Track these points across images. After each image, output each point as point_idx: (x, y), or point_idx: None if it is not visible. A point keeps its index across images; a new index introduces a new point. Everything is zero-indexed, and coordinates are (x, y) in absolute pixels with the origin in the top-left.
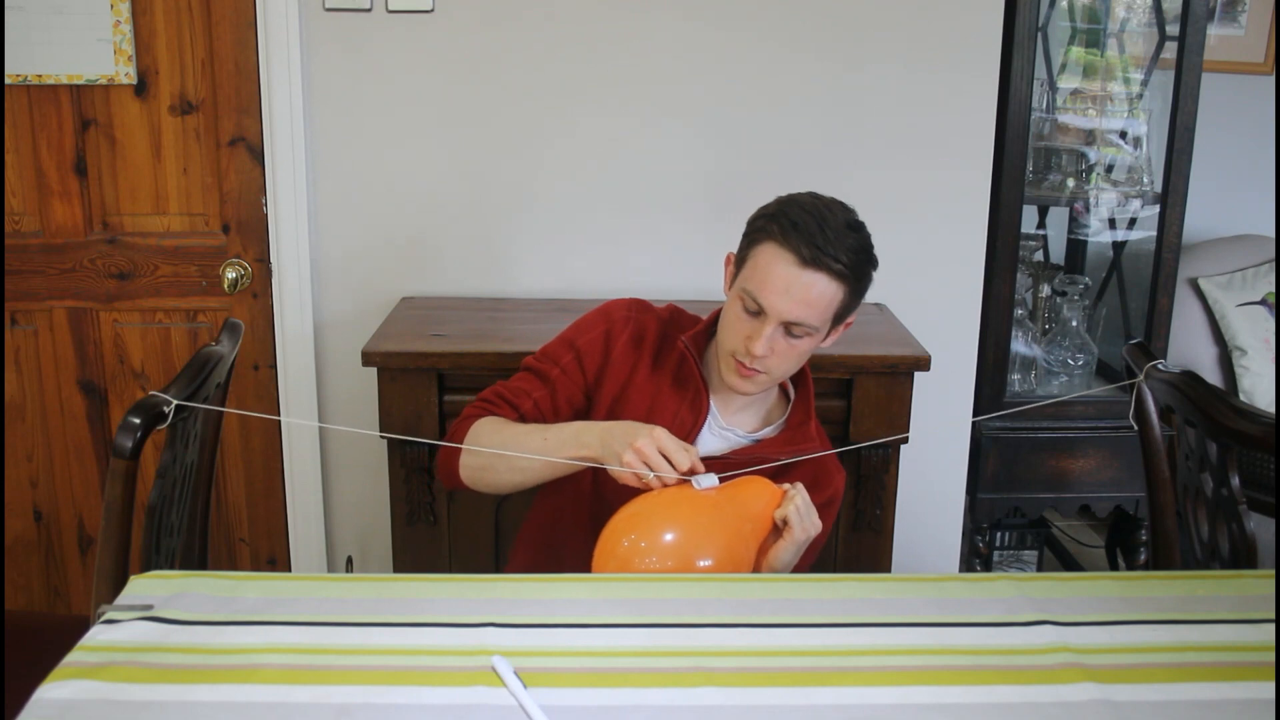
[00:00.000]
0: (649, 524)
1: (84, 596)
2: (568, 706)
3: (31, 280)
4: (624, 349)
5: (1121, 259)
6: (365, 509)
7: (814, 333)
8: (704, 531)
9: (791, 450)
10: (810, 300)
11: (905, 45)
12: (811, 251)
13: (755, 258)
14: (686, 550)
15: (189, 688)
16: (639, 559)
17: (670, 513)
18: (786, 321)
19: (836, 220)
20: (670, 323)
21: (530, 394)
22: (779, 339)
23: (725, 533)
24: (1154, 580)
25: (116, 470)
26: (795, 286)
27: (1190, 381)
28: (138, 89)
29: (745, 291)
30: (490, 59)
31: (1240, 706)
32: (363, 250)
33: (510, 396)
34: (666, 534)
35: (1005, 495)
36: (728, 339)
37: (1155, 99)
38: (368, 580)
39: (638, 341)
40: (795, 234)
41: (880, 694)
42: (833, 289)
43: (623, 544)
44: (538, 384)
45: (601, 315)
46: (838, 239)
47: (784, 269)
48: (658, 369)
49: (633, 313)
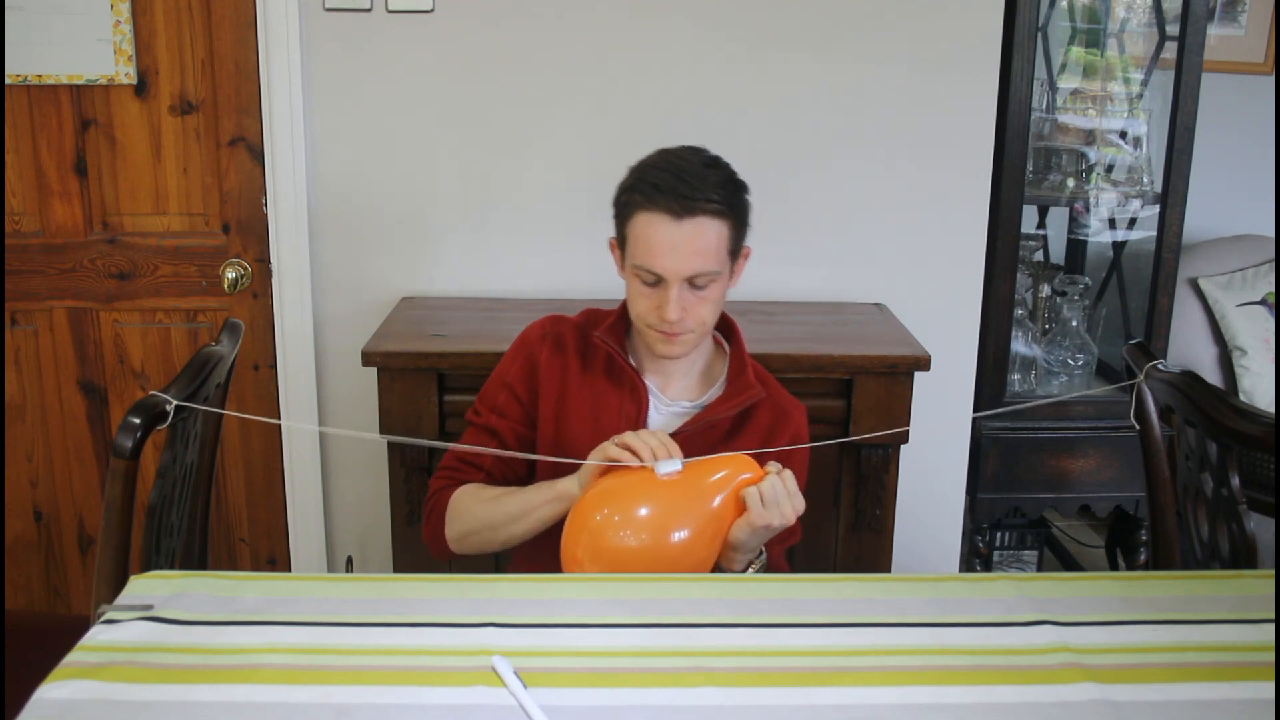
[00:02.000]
0: (621, 500)
1: (84, 596)
2: (568, 706)
3: (31, 280)
4: (548, 362)
5: (1121, 259)
6: (365, 509)
7: (717, 277)
8: (675, 508)
9: (737, 402)
10: (700, 249)
11: (905, 45)
12: (681, 204)
13: (633, 231)
14: (659, 524)
15: (189, 688)
16: (611, 533)
17: (642, 490)
18: (686, 278)
19: (692, 165)
20: (586, 324)
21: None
22: (687, 297)
23: (696, 511)
24: (1154, 580)
25: (116, 470)
26: (680, 242)
27: (1190, 381)
28: (138, 89)
29: (637, 266)
30: (490, 59)
31: (1240, 706)
32: (363, 250)
33: (470, 458)
34: (640, 509)
35: (1005, 495)
36: (641, 315)
37: (1155, 99)
38: (368, 580)
39: (559, 349)
40: (660, 194)
41: (880, 694)
42: (716, 228)
43: (595, 518)
44: (487, 438)
45: (519, 342)
46: (701, 181)
47: (663, 231)
48: (588, 371)
49: (547, 328)
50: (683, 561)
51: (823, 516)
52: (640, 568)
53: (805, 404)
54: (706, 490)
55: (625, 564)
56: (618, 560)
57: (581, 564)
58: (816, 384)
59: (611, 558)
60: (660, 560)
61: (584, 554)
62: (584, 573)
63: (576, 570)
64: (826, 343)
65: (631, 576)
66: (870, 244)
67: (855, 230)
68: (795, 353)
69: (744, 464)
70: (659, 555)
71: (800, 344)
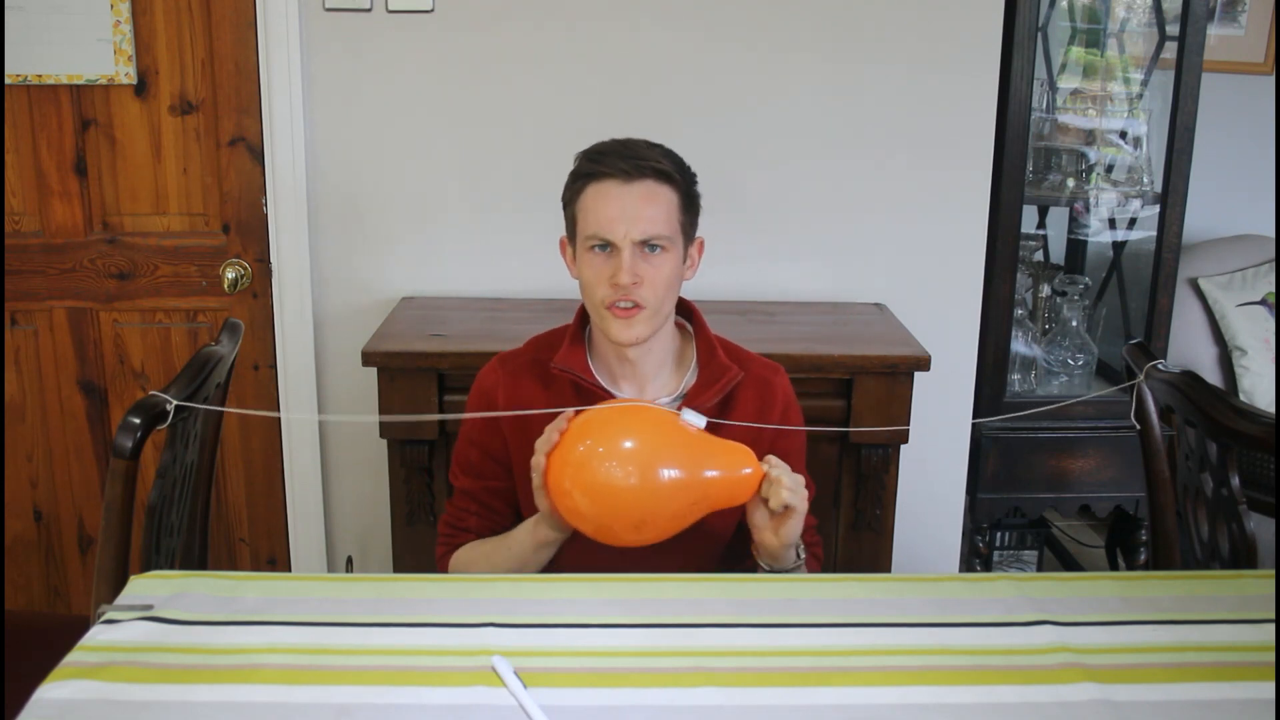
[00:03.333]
0: (614, 429)
1: (84, 596)
2: (568, 706)
3: (31, 280)
4: (508, 394)
5: (1121, 259)
6: (365, 509)
7: (669, 245)
8: (667, 449)
9: (718, 389)
10: (648, 213)
11: (905, 45)
12: (628, 164)
13: (583, 205)
14: (647, 459)
15: (189, 688)
16: (597, 460)
17: (640, 423)
18: (638, 241)
19: (638, 141)
20: (538, 355)
21: (471, 512)
22: (640, 263)
23: (685, 458)
24: (1154, 580)
25: (116, 470)
26: (629, 202)
27: (1190, 381)
28: (138, 89)
29: (588, 237)
30: (490, 59)
31: (1240, 706)
32: (363, 250)
33: (461, 524)
34: (627, 441)
35: (1005, 495)
36: (594, 294)
37: (1155, 99)
38: (368, 580)
39: (515, 389)
40: (605, 161)
41: (880, 694)
42: (665, 192)
43: (581, 446)
44: (470, 501)
45: (474, 395)
46: (647, 149)
47: (612, 193)
48: (555, 398)
49: (495, 365)
50: (668, 504)
51: (823, 517)
52: (626, 498)
53: (805, 404)
54: (703, 454)
55: (610, 491)
56: (604, 490)
57: (570, 494)
58: (816, 384)
59: (596, 486)
60: (646, 494)
61: (571, 483)
62: (574, 504)
63: (566, 501)
64: (826, 343)
65: (631, 576)
66: (870, 244)
67: (855, 230)
68: (795, 353)
69: (747, 457)
70: (645, 488)
71: (800, 344)
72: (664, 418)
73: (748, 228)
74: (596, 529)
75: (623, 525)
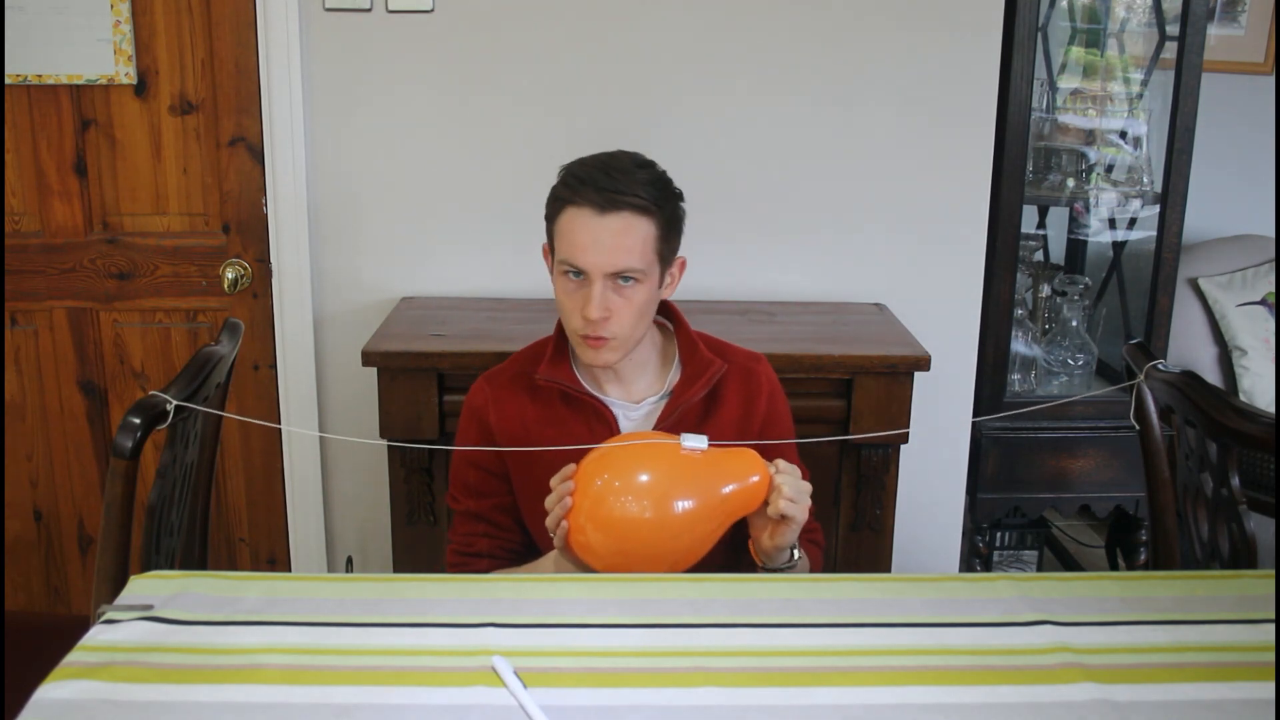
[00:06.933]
0: (624, 465)
1: (84, 596)
2: (568, 706)
3: (31, 280)
4: (500, 421)
5: (1121, 259)
6: (365, 509)
7: (643, 277)
8: (680, 480)
9: (703, 383)
10: (623, 245)
11: (905, 46)
12: (604, 196)
13: (559, 228)
14: (661, 492)
15: (189, 688)
16: (613, 497)
17: (643, 458)
18: (609, 274)
19: (622, 164)
20: (523, 368)
21: (479, 534)
22: (611, 296)
23: (699, 487)
24: (1154, 580)
25: (116, 470)
26: (602, 235)
27: (1190, 381)
28: (138, 89)
29: (562, 262)
30: (490, 59)
31: (1240, 706)
32: (363, 250)
33: (471, 549)
34: (641, 475)
35: (1005, 495)
36: (568, 321)
37: (1155, 99)
38: (368, 580)
39: (506, 404)
40: (585, 188)
41: (880, 694)
42: (642, 226)
43: (596, 483)
44: (476, 523)
45: (465, 414)
46: (627, 178)
47: (587, 223)
48: (546, 409)
49: (482, 383)
50: (683, 536)
51: (823, 517)
52: (642, 535)
53: (805, 404)
54: (714, 474)
55: (627, 530)
56: (619, 527)
57: (585, 530)
58: (816, 384)
59: (613, 525)
60: (663, 530)
61: (587, 520)
62: (589, 542)
63: (582, 540)
64: (826, 343)
65: (631, 577)
66: (870, 244)
67: (855, 230)
68: (795, 353)
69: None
70: (661, 524)
71: (800, 344)
72: (668, 451)
73: (748, 228)
74: (630, 568)
75: (659, 565)
